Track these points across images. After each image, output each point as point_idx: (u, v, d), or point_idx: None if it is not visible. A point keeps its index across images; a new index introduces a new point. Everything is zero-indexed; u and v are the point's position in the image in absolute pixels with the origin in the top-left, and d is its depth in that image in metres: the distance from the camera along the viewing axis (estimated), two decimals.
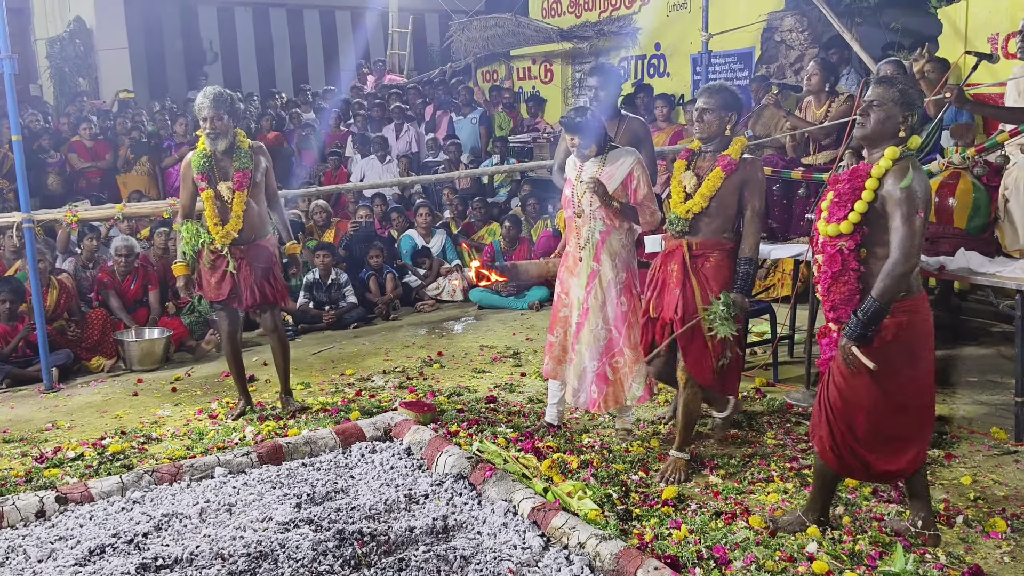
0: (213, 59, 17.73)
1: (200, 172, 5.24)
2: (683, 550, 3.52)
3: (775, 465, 4.41)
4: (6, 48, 5.95)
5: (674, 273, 4.32)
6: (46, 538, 3.72)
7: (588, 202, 4.64)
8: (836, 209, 3.41)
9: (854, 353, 3.36)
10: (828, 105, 6.57)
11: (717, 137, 4.28)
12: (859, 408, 3.46)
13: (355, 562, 3.40)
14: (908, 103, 3.40)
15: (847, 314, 3.41)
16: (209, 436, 5.15)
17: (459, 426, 5.07)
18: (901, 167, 3.33)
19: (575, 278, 4.74)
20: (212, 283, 5.33)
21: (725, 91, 4.30)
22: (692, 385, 4.32)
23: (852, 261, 3.39)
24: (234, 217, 5.23)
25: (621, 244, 4.67)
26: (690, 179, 4.30)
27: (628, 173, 4.59)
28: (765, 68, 10.14)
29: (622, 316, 4.65)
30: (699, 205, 4.23)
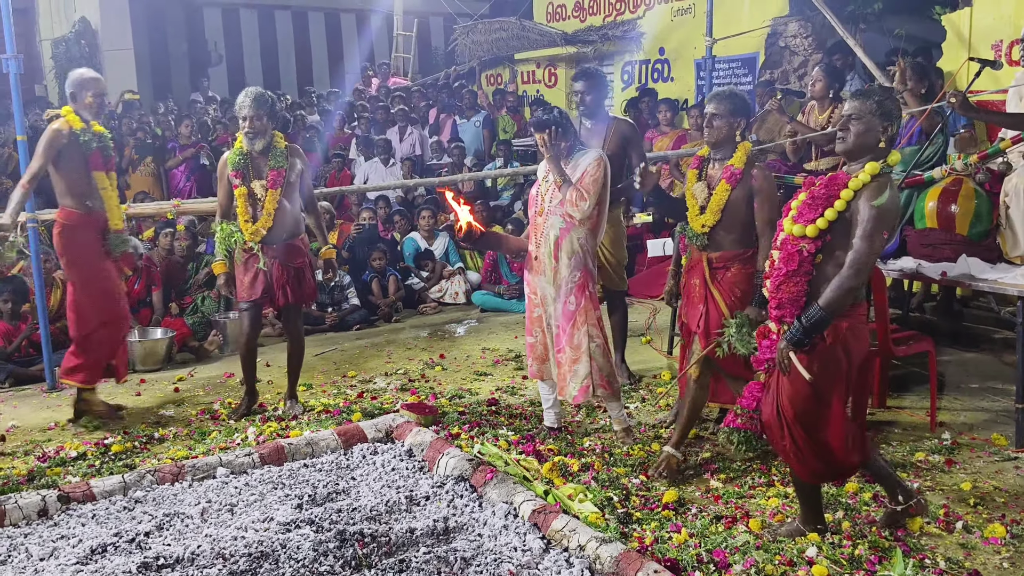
0: (218, 61, 17.79)
1: (235, 169, 5.31)
2: (683, 553, 3.53)
3: (776, 470, 4.41)
4: (12, 48, 5.97)
5: (696, 287, 4.37)
6: (48, 536, 3.73)
7: (549, 199, 4.69)
8: (807, 211, 3.43)
9: (790, 358, 3.40)
10: (831, 111, 6.60)
11: (726, 143, 4.29)
12: (805, 411, 3.47)
13: (356, 563, 3.41)
14: (886, 114, 3.41)
15: (791, 314, 3.43)
16: (211, 436, 5.16)
17: (460, 428, 5.08)
18: (879, 184, 3.35)
19: (540, 276, 4.78)
20: (245, 282, 5.37)
21: (734, 97, 4.31)
22: (704, 380, 4.36)
23: (808, 264, 3.42)
24: (265, 215, 5.29)
25: (579, 243, 4.68)
26: (701, 191, 4.32)
27: (585, 168, 4.63)
28: (769, 73, 10.16)
29: (568, 315, 4.69)
30: (712, 219, 4.26)
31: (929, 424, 4.91)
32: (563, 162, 4.67)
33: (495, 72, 14.38)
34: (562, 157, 4.68)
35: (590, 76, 5.39)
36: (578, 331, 4.68)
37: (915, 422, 5.02)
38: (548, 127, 4.63)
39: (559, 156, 4.66)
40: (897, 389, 5.44)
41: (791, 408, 3.47)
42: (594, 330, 4.70)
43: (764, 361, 3.58)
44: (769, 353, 3.55)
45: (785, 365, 3.43)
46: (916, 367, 5.54)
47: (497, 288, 8.60)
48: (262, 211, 5.30)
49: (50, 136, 5.34)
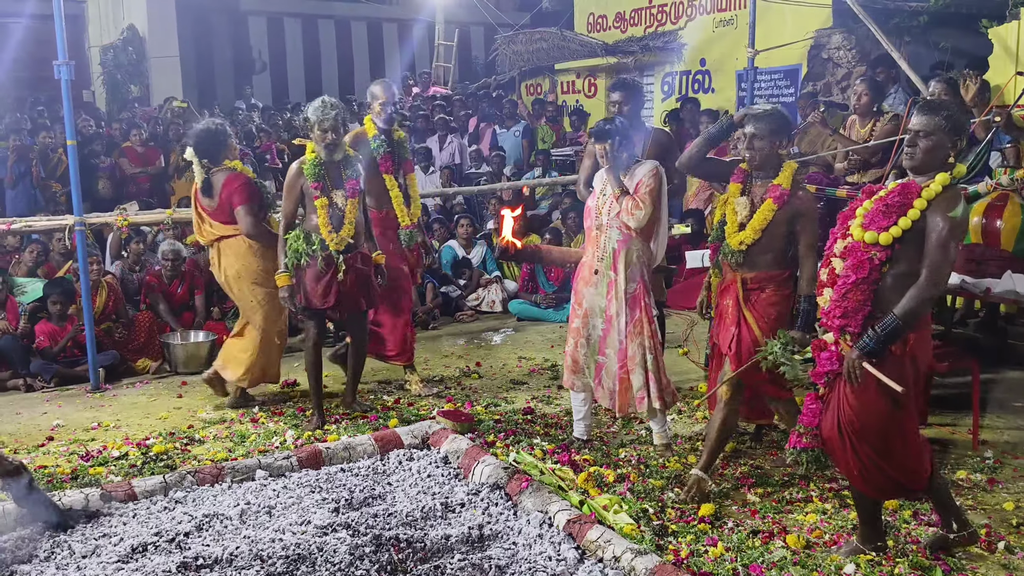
0: (262, 68, 18.02)
1: (315, 180, 5.32)
2: (719, 568, 3.51)
3: (814, 485, 4.37)
4: (64, 55, 6.11)
5: (729, 308, 4.29)
6: (91, 535, 3.79)
7: (607, 212, 4.68)
8: (879, 218, 3.37)
9: (864, 368, 3.34)
10: (873, 124, 6.53)
11: (769, 162, 4.19)
12: (875, 425, 3.42)
13: (391, 568, 3.43)
14: (956, 129, 3.36)
15: (857, 323, 3.39)
16: (250, 439, 5.22)
17: (496, 436, 5.09)
18: (952, 195, 3.31)
19: (590, 288, 4.78)
20: (319, 291, 5.34)
21: (776, 115, 4.20)
22: (734, 401, 4.27)
23: (876, 272, 3.37)
24: (347, 224, 5.35)
25: (636, 255, 4.69)
26: (744, 206, 4.22)
27: (640, 178, 4.63)
28: (812, 85, 10.08)
29: (627, 327, 4.68)
30: (751, 238, 4.17)
31: (972, 442, 4.84)
32: (621, 174, 4.68)
33: (535, 82, 14.42)
34: (621, 169, 4.68)
35: (627, 87, 5.40)
36: (633, 343, 4.67)
37: (957, 440, 4.94)
38: (609, 138, 4.62)
39: (619, 168, 4.66)
40: (939, 406, 5.36)
41: (857, 421, 3.42)
42: (649, 342, 4.69)
43: (823, 374, 3.53)
44: (829, 365, 3.49)
45: (856, 375, 3.36)
46: (958, 385, 5.45)
47: (534, 297, 8.60)
48: (344, 220, 5.35)
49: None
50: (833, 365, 3.48)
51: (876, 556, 3.59)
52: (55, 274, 7.34)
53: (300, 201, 5.39)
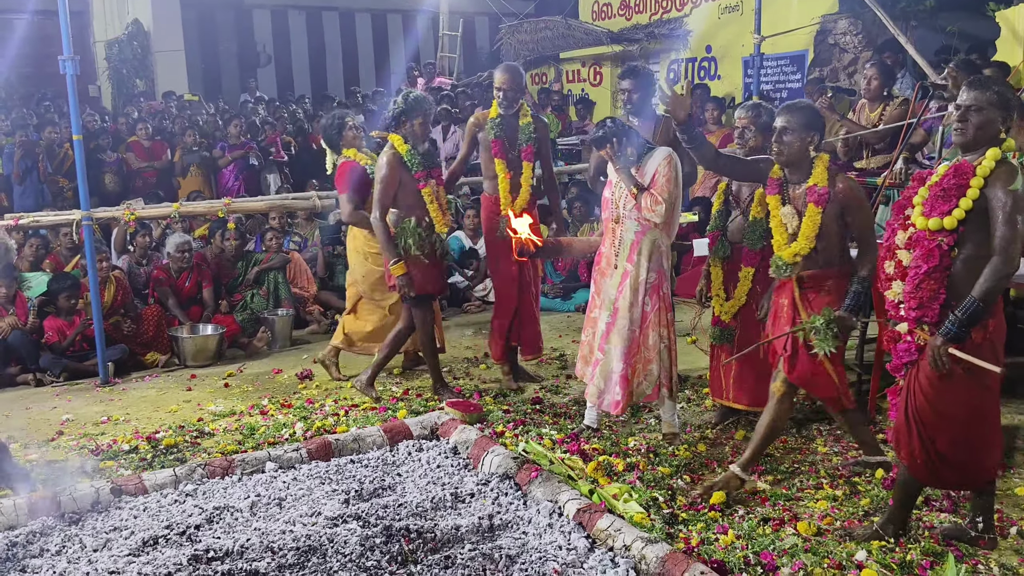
0: (267, 62, 18.01)
1: (418, 169, 5.50)
2: (730, 555, 3.50)
3: (824, 472, 4.36)
4: (69, 49, 6.10)
5: (784, 308, 4.14)
6: (101, 528, 3.81)
7: (624, 203, 4.65)
8: (939, 203, 3.32)
9: (951, 354, 3.27)
10: (882, 109, 6.50)
11: (800, 160, 3.99)
12: (950, 415, 3.38)
13: (402, 558, 3.43)
14: (1005, 104, 3.32)
15: (933, 313, 3.33)
16: (260, 431, 5.23)
17: (505, 427, 5.09)
18: (1008, 169, 3.26)
19: (607, 279, 4.76)
20: (434, 275, 5.63)
21: (808, 109, 4.03)
22: (786, 400, 4.11)
23: (947, 258, 3.31)
24: (445, 211, 5.65)
25: (655, 245, 4.66)
26: (791, 217, 4.02)
27: (656, 168, 4.59)
28: (818, 71, 10.03)
29: (644, 316, 4.66)
30: (806, 248, 3.98)
31: None
32: (633, 169, 4.64)
33: (540, 71, 14.38)
34: (632, 164, 4.65)
35: (637, 74, 5.37)
36: (652, 332, 4.66)
37: None
38: (608, 142, 4.60)
39: (628, 165, 4.63)
40: None
41: (929, 409, 3.38)
42: (665, 331, 4.68)
43: (901, 367, 3.49)
44: (907, 357, 3.44)
45: (943, 363, 3.29)
46: None
47: (541, 287, 8.58)
48: (442, 207, 5.60)
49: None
50: (912, 356, 3.43)
51: (890, 543, 3.58)
52: (61, 268, 7.34)
53: (396, 189, 5.51)
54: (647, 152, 4.67)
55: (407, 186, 5.49)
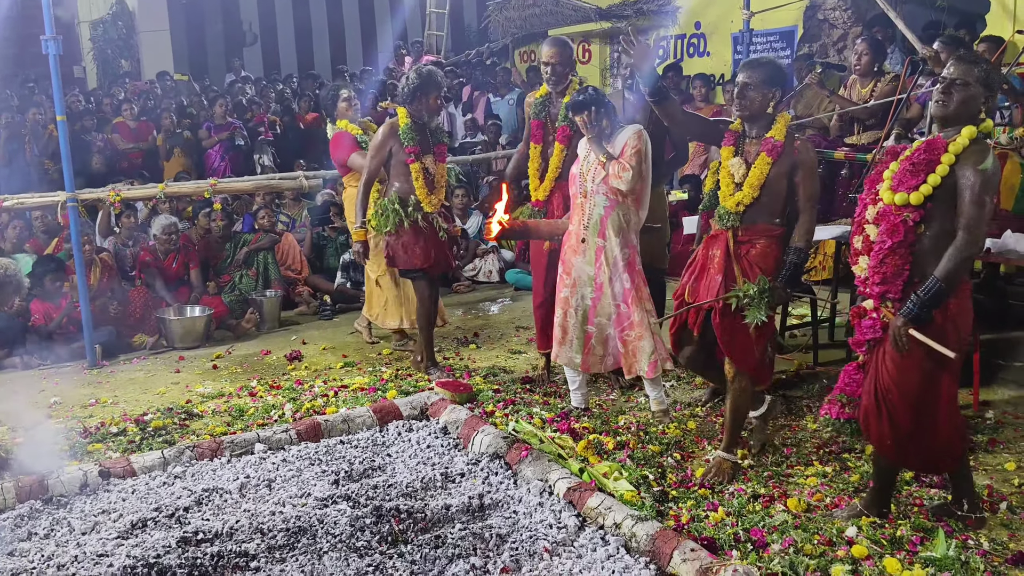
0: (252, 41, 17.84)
1: (413, 144, 5.49)
2: (720, 532, 3.51)
3: (812, 447, 4.36)
4: (51, 29, 6.02)
5: (716, 258, 4.12)
6: (90, 511, 3.79)
7: (592, 176, 4.64)
8: (907, 178, 3.29)
9: (911, 335, 3.26)
10: (873, 85, 6.47)
11: (760, 115, 4.02)
12: (912, 394, 3.37)
13: (392, 538, 3.42)
14: (990, 84, 3.29)
15: (897, 289, 3.32)
16: (249, 413, 5.21)
17: (495, 406, 5.08)
18: (980, 148, 3.24)
19: (579, 256, 4.74)
20: (418, 251, 5.56)
21: (768, 65, 4.08)
22: (741, 380, 4.12)
23: (912, 234, 3.29)
24: (439, 188, 5.58)
25: (625, 220, 4.65)
26: (739, 167, 4.04)
27: (625, 141, 4.58)
28: (808, 47, 9.98)
29: (625, 292, 4.65)
30: (749, 196, 3.99)
31: (972, 403, 4.83)
32: (605, 142, 4.63)
33: (529, 49, 14.27)
34: (604, 137, 4.63)
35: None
36: (637, 308, 4.64)
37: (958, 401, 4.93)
38: (586, 108, 4.58)
39: (600, 136, 4.62)
40: None
41: (896, 389, 3.37)
42: (648, 304, 4.68)
43: (863, 343, 3.47)
44: (871, 333, 3.42)
45: (903, 343, 3.28)
46: None
47: (530, 266, 8.56)
48: (436, 183, 5.57)
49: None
50: (875, 333, 3.41)
51: (878, 520, 3.58)
52: (42, 251, 7.28)
53: (385, 163, 5.55)
54: (620, 128, 4.67)
55: (397, 157, 5.52)
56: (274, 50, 18.15)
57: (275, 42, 18.20)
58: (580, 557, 3.28)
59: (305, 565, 3.26)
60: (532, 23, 13.84)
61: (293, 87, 14.07)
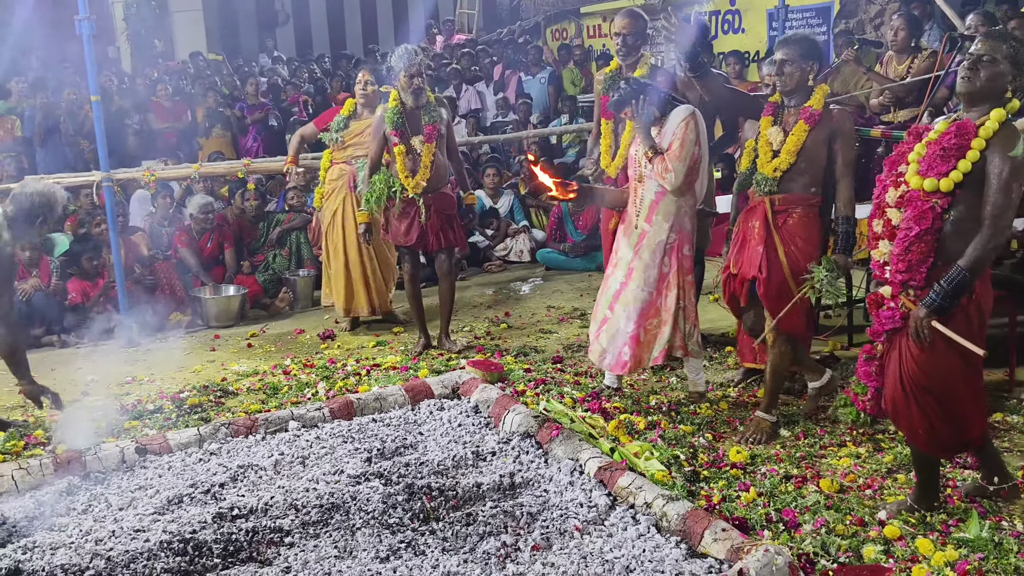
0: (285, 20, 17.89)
1: (394, 127, 5.61)
2: (751, 512, 3.50)
3: (845, 428, 4.33)
4: (85, 10, 6.07)
5: (756, 229, 4.23)
6: (127, 487, 3.85)
7: (646, 164, 4.59)
8: (937, 163, 3.19)
9: (932, 327, 3.18)
10: (910, 61, 6.36)
11: (800, 89, 4.15)
12: (943, 380, 3.29)
13: (424, 515, 3.45)
14: (1018, 63, 3.19)
15: (920, 276, 3.22)
16: (283, 391, 5.26)
17: (526, 385, 5.09)
18: (1010, 132, 3.13)
19: (625, 239, 4.73)
20: (402, 230, 5.75)
21: (805, 40, 4.18)
22: (780, 343, 4.25)
23: (939, 221, 3.19)
24: (423, 168, 5.62)
25: (676, 205, 4.59)
26: (776, 135, 4.18)
27: (673, 132, 4.52)
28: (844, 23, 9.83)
29: (662, 277, 4.60)
30: (786, 162, 4.13)
31: (1008, 383, 4.76)
32: (656, 127, 4.56)
33: (560, 27, 14.19)
34: (654, 122, 4.56)
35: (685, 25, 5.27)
36: (670, 293, 4.60)
37: (992, 381, 4.86)
38: (627, 104, 4.55)
39: (648, 125, 4.55)
40: None
41: (925, 377, 3.27)
42: (682, 292, 4.63)
43: (881, 332, 3.39)
44: (890, 324, 3.33)
45: (926, 335, 3.19)
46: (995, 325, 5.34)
47: (562, 246, 8.54)
48: (420, 165, 5.59)
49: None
50: (895, 323, 3.32)
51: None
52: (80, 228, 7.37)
53: (386, 145, 5.69)
54: (670, 108, 4.58)
55: (390, 143, 5.67)
56: (306, 30, 18.18)
57: (307, 22, 18.23)
58: (611, 536, 3.28)
59: (338, 541, 3.30)
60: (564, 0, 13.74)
61: (325, 67, 14.10)
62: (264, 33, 17.09)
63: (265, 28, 17.35)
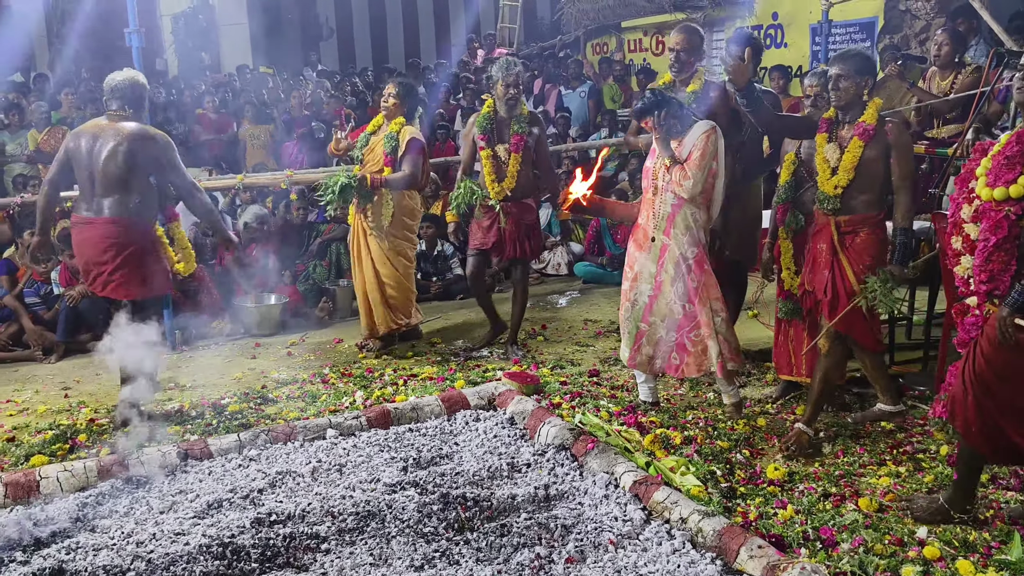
0: (329, 35, 18.09)
1: (483, 132, 5.86)
2: (788, 530, 3.47)
3: (885, 447, 4.28)
4: (135, 23, 6.21)
5: (823, 252, 4.31)
6: (168, 491, 3.92)
7: (662, 176, 4.60)
8: (1003, 172, 3.21)
9: (1017, 325, 3.17)
10: (954, 77, 6.30)
11: (854, 104, 4.20)
12: (1011, 385, 3.27)
13: (459, 525, 3.47)
14: None
15: (1005, 285, 3.22)
16: (321, 399, 5.32)
17: (562, 398, 5.09)
18: None
19: (642, 252, 4.72)
20: (479, 233, 6.04)
21: (859, 56, 4.23)
22: (835, 354, 4.30)
23: (1016, 228, 3.19)
24: (509, 176, 5.81)
25: (693, 219, 4.59)
26: (833, 152, 4.24)
27: (693, 142, 4.53)
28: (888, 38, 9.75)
29: (694, 291, 4.59)
30: (844, 179, 4.18)
31: None
32: (676, 140, 4.58)
33: (601, 41, 14.21)
34: (674, 135, 4.59)
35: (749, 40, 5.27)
36: (705, 308, 4.60)
37: None
38: (649, 114, 4.57)
39: (667, 137, 4.58)
40: None
41: (989, 373, 3.27)
42: (717, 304, 4.62)
43: (967, 341, 3.39)
44: (975, 332, 3.34)
45: (1010, 334, 3.19)
46: None
47: (600, 259, 8.55)
48: (506, 173, 5.79)
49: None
50: (976, 332, 3.34)
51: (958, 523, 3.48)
52: None
53: (475, 150, 5.93)
54: (691, 124, 4.60)
55: (477, 148, 5.91)
56: (350, 44, 18.38)
57: (351, 36, 18.42)
58: (645, 550, 3.27)
59: (374, 548, 3.33)
60: (605, 15, 13.78)
61: (368, 80, 14.25)
62: (308, 47, 17.30)
63: (309, 42, 17.57)
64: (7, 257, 7.23)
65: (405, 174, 6.01)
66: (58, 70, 12.78)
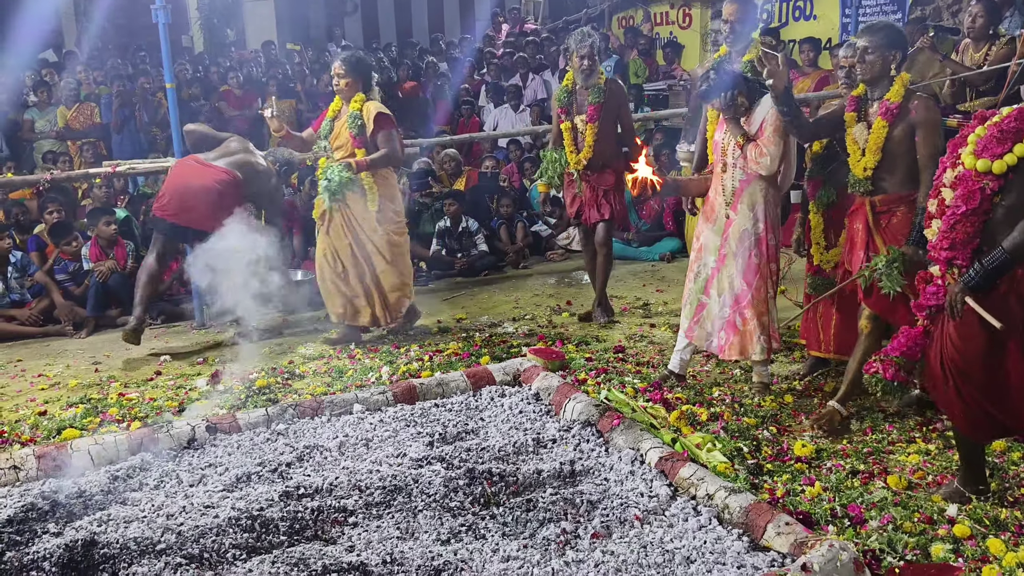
0: (353, 10, 18.05)
1: (561, 105, 5.98)
2: (816, 507, 3.45)
3: (915, 424, 4.24)
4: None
5: (859, 232, 4.24)
6: (197, 464, 3.95)
7: (732, 151, 4.53)
8: (992, 144, 3.17)
9: (965, 303, 3.19)
10: (988, 49, 6.18)
11: (881, 79, 4.09)
12: (980, 362, 3.26)
13: (484, 500, 3.48)
14: None
15: (965, 256, 3.23)
16: (348, 374, 5.34)
17: (587, 374, 5.09)
18: None
19: (709, 224, 4.69)
20: (568, 200, 6.25)
21: (889, 28, 4.12)
22: (874, 335, 4.21)
23: (988, 203, 3.18)
24: (586, 147, 5.93)
25: (761, 194, 4.54)
26: (861, 133, 4.15)
27: (764, 117, 4.46)
28: (920, 10, 9.57)
29: (754, 268, 4.55)
30: (872, 160, 4.10)
31: None
32: (743, 117, 4.53)
33: (627, 14, 14.07)
34: (742, 113, 4.54)
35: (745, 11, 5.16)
36: (762, 285, 4.58)
37: None
38: (715, 96, 4.52)
39: (737, 115, 4.53)
40: None
41: (960, 359, 3.28)
42: (772, 281, 4.61)
43: (926, 307, 3.40)
44: (935, 300, 3.35)
45: (958, 310, 3.22)
46: None
47: (626, 235, 8.50)
48: (584, 144, 5.92)
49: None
50: (939, 300, 3.34)
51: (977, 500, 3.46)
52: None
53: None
54: (759, 97, 4.53)
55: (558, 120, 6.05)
56: (374, 19, 18.33)
57: (375, 11, 18.37)
58: (671, 527, 3.27)
59: (400, 522, 3.35)
60: None
61: (392, 56, 14.21)
62: (333, 22, 17.27)
63: (334, 18, 17.53)
64: (37, 233, 7.31)
65: (384, 152, 5.69)
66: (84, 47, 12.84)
